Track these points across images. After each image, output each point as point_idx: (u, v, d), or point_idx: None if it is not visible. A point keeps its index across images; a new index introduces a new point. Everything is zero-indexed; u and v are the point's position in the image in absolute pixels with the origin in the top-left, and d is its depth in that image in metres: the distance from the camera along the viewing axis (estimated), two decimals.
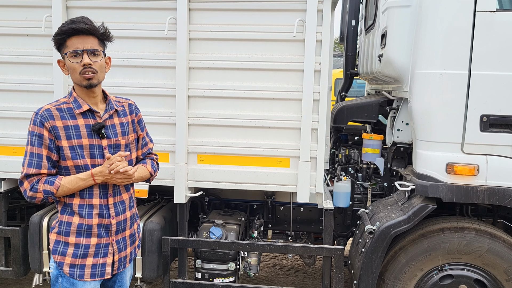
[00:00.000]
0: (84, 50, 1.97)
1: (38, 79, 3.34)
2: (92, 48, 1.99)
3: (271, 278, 4.81)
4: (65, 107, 2.04)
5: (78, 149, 2.02)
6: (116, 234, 2.14)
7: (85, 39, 1.99)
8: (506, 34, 2.80)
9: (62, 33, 1.98)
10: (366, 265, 3.08)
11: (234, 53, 3.18)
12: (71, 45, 1.98)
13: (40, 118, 1.99)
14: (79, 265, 2.07)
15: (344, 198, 3.51)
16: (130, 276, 2.36)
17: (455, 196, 2.91)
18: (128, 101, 2.27)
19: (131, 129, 2.22)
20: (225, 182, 3.30)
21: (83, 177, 2.02)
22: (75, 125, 2.03)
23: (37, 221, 3.38)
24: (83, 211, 2.06)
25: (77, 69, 1.98)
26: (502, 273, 2.96)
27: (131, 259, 2.28)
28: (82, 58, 1.97)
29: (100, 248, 2.10)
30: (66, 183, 2.01)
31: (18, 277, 3.56)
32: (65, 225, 2.07)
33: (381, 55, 3.37)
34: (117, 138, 2.13)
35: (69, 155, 2.01)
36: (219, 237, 3.39)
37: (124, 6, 3.21)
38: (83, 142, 2.03)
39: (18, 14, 3.31)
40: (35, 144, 1.99)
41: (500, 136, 2.86)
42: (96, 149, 2.06)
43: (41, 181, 2.00)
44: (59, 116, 2.01)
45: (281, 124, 3.20)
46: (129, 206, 2.22)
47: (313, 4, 3.03)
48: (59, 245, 2.08)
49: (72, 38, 1.98)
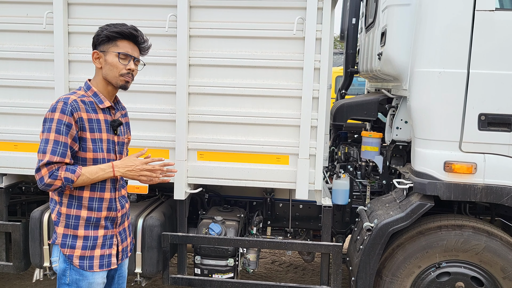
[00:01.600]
0: (133, 56, 2.18)
1: (39, 75, 3.36)
2: (138, 57, 2.23)
3: (270, 275, 4.84)
4: (86, 100, 2.14)
5: (99, 143, 2.13)
6: (119, 226, 2.29)
7: (134, 48, 2.19)
8: (505, 33, 2.81)
9: (122, 33, 2.14)
10: (364, 262, 3.10)
11: (235, 51, 3.19)
12: (122, 46, 2.15)
13: (71, 108, 2.05)
14: (88, 257, 2.15)
15: (342, 196, 3.53)
16: (126, 269, 2.46)
17: (453, 194, 2.93)
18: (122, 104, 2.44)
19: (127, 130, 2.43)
20: (225, 179, 3.32)
21: (104, 167, 2.11)
22: (97, 119, 2.14)
23: (38, 216, 3.40)
24: (93, 204, 2.15)
25: (120, 69, 2.14)
26: (499, 270, 2.98)
27: (131, 249, 2.43)
28: (129, 63, 2.16)
29: (106, 239, 2.21)
30: (86, 172, 2.07)
31: (19, 271, 3.58)
32: (74, 218, 2.13)
33: (380, 53, 3.38)
34: (124, 136, 2.32)
35: (90, 147, 2.11)
36: (218, 233, 3.41)
37: (125, 3, 3.22)
38: (103, 136, 2.15)
39: (19, 10, 3.32)
40: (62, 133, 2.03)
41: (498, 135, 2.88)
42: (111, 144, 2.20)
43: (61, 169, 2.03)
44: (84, 108, 2.10)
45: (281, 122, 3.22)
46: (126, 200, 2.38)
47: (313, 2, 3.04)
48: (68, 238, 2.14)
49: (125, 41, 2.15)
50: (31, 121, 3.36)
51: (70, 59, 3.30)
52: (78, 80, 3.29)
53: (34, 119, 3.33)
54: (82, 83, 3.29)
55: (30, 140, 3.36)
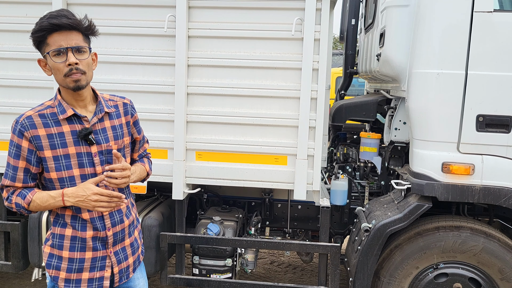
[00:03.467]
0: (68, 47, 1.75)
1: (38, 75, 3.35)
2: (77, 45, 1.77)
3: (268, 275, 4.84)
4: (48, 113, 1.84)
5: (64, 159, 1.83)
6: (113, 246, 1.97)
7: (69, 35, 1.76)
8: (503, 34, 2.81)
9: (42, 29, 1.75)
10: (361, 262, 3.10)
11: (233, 51, 3.20)
12: (53, 42, 1.75)
13: (20, 127, 1.80)
14: (74, 280, 1.92)
15: (341, 196, 3.54)
16: (145, 285, 2.20)
17: (451, 195, 2.93)
18: (123, 100, 2.06)
19: (125, 132, 2.02)
20: (223, 179, 3.32)
21: (53, 195, 1.83)
22: (59, 133, 1.83)
23: (37, 216, 3.41)
24: (76, 223, 1.89)
25: (61, 70, 1.76)
26: (497, 272, 2.98)
27: (135, 268, 2.12)
28: (67, 57, 1.75)
29: (96, 261, 1.93)
30: (37, 199, 1.83)
31: (18, 271, 3.60)
32: (58, 237, 1.91)
33: (379, 54, 3.38)
34: (109, 143, 1.92)
35: (52, 166, 1.83)
36: (216, 234, 3.41)
37: (124, 3, 3.23)
38: (69, 151, 1.83)
39: (19, 10, 3.34)
40: (12, 155, 1.83)
41: (496, 136, 2.88)
42: (85, 157, 1.86)
43: (15, 193, 1.86)
44: (41, 124, 1.81)
45: (279, 122, 3.22)
46: (126, 214, 2.02)
47: (311, 3, 3.04)
48: (53, 258, 1.94)
49: (54, 35, 1.75)
50: None
51: None
52: None
53: None
54: None
55: None
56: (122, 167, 1.84)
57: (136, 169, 2.08)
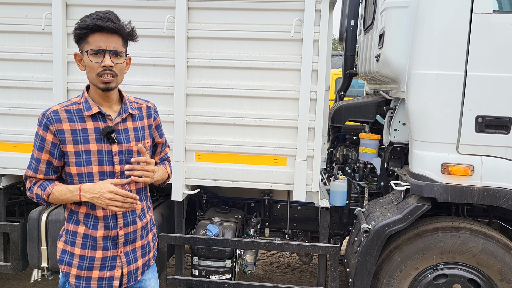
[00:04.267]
0: (107, 50, 1.81)
1: (38, 76, 3.37)
2: (116, 49, 1.83)
3: (268, 276, 4.84)
4: (74, 108, 1.90)
5: (84, 155, 1.87)
6: (124, 246, 1.98)
7: (109, 38, 1.82)
8: (502, 35, 2.81)
9: (86, 27, 1.81)
10: (361, 263, 3.10)
11: (233, 52, 3.20)
12: (93, 42, 1.81)
13: (46, 120, 1.86)
14: (85, 277, 1.95)
15: (340, 197, 3.54)
16: (156, 285, 2.18)
17: (450, 196, 2.93)
18: (147, 104, 2.09)
19: (147, 134, 2.05)
20: (222, 180, 3.32)
21: (71, 189, 1.87)
22: (83, 129, 1.88)
23: (36, 217, 3.40)
24: (88, 221, 1.93)
25: (95, 69, 1.82)
26: (496, 273, 2.98)
27: (144, 271, 2.10)
28: (104, 59, 1.81)
29: (106, 261, 1.95)
30: (56, 192, 1.89)
31: (17, 272, 3.59)
32: (71, 234, 1.96)
33: (378, 55, 3.39)
34: (129, 143, 1.95)
35: (73, 161, 1.87)
36: (216, 235, 3.41)
37: (123, 4, 3.23)
38: (90, 147, 1.88)
39: (18, 11, 3.33)
40: (36, 147, 1.90)
41: (495, 137, 2.88)
42: (105, 155, 1.90)
43: (36, 184, 1.92)
44: (66, 119, 1.87)
45: (278, 123, 3.23)
46: (139, 216, 2.02)
47: (311, 4, 3.05)
48: (65, 254, 1.98)
49: (95, 35, 1.81)
50: (29, 122, 3.36)
51: (68, 60, 3.31)
52: (77, 81, 3.30)
53: (32, 120, 3.33)
54: (81, 84, 3.30)
55: (28, 141, 3.37)
56: (146, 160, 1.91)
57: (159, 169, 2.11)
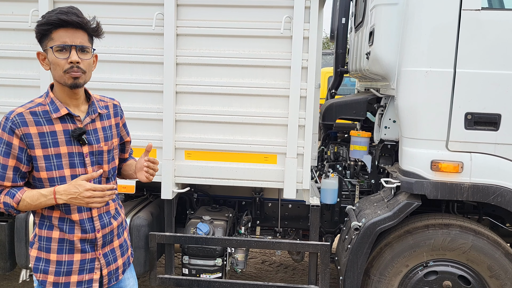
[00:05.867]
0: (72, 45, 1.75)
1: (25, 74, 3.32)
2: (82, 44, 1.78)
3: (260, 274, 4.82)
4: (40, 110, 1.80)
5: (55, 159, 1.80)
6: (102, 247, 1.94)
7: (75, 33, 1.76)
8: (491, 32, 2.82)
9: (49, 23, 1.74)
10: (351, 261, 3.10)
11: (222, 49, 3.18)
12: (57, 38, 1.74)
13: (11, 124, 1.75)
14: (63, 284, 1.87)
15: (331, 195, 3.53)
16: (134, 285, 2.17)
17: (440, 193, 2.93)
18: (113, 101, 2.06)
19: (114, 133, 2.02)
20: (212, 178, 3.30)
21: (45, 193, 1.78)
22: (51, 132, 1.79)
23: (24, 217, 3.36)
24: (64, 225, 1.85)
25: (62, 66, 1.75)
26: (486, 269, 2.99)
27: (125, 270, 2.09)
28: (70, 55, 1.75)
29: (85, 264, 1.90)
30: (27, 198, 1.78)
31: (5, 272, 3.54)
32: (45, 240, 1.87)
33: (369, 52, 3.38)
34: (100, 144, 1.91)
35: (43, 166, 1.79)
36: (206, 233, 3.39)
37: (111, 1, 3.20)
38: (60, 150, 1.80)
39: (4, 8, 3.29)
40: (1, 153, 1.78)
41: (484, 134, 2.89)
42: (76, 157, 1.84)
43: (3, 192, 1.81)
44: (33, 122, 1.77)
45: (268, 121, 3.21)
46: (114, 216, 2.00)
47: (300, 1, 3.03)
48: (40, 262, 1.88)
49: (60, 30, 1.74)
50: None
51: None
52: None
53: None
54: None
55: None
56: (155, 160, 2.04)
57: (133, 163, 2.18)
